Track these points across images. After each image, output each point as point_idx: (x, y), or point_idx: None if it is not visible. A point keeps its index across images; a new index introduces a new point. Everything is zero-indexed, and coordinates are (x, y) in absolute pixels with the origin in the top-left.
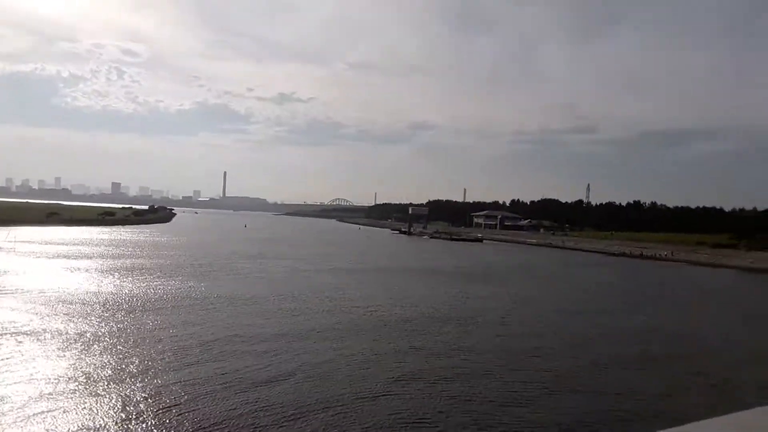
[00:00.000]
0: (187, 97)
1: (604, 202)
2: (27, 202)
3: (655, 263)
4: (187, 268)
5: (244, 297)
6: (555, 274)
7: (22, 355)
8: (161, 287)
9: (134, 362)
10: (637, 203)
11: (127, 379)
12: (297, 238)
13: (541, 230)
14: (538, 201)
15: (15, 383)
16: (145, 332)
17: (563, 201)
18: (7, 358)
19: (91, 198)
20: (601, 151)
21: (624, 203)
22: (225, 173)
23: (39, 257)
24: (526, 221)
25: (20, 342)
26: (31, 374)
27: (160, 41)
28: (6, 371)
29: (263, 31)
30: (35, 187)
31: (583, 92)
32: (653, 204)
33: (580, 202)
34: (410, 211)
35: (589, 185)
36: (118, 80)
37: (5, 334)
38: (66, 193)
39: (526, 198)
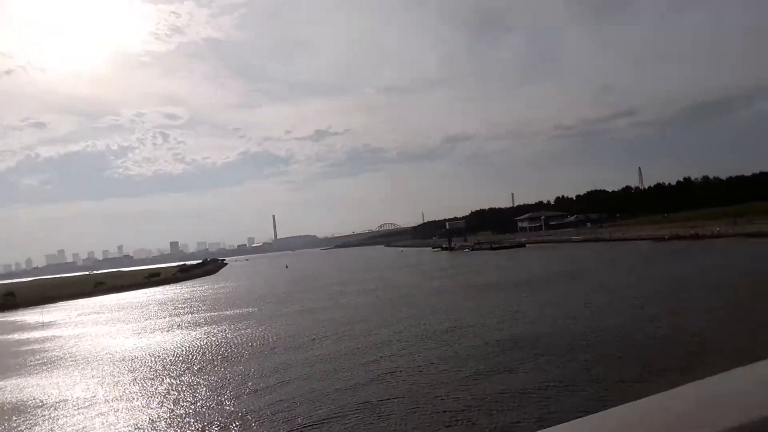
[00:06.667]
0: (231, 149)
1: (653, 185)
2: (82, 275)
3: (707, 242)
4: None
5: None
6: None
7: None
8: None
9: None
10: (687, 180)
11: None
12: (319, 275)
13: (588, 225)
14: (584, 194)
15: None
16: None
17: (610, 190)
18: None
19: (153, 260)
20: (645, 133)
21: (674, 183)
22: (274, 216)
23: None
24: (573, 217)
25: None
26: None
27: (197, 100)
28: None
29: (290, 73)
30: (99, 258)
31: (615, 74)
32: (705, 178)
33: (628, 188)
34: (446, 227)
35: (640, 169)
36: (163, 144)
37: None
38: (128, 259)
39: (573, 193)
